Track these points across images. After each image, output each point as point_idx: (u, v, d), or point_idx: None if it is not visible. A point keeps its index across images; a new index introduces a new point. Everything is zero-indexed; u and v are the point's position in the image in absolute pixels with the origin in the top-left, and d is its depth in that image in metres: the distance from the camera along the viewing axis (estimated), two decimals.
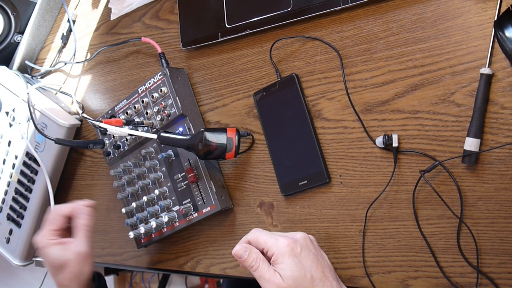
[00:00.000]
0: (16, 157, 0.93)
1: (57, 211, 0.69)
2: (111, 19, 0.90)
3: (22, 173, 0.92)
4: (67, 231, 0.70)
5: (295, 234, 0.55)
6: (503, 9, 0.52)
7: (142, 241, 0.79)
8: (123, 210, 0.78)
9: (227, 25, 0.71)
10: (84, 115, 0.83)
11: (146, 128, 0.73)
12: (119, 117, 0.79)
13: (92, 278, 0.70)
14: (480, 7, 0.53)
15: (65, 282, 0.67)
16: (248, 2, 0.69)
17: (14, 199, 0.94)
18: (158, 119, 0.73)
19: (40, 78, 1.01)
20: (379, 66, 0.59)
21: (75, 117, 0.92)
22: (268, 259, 0.54)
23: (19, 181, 0.93)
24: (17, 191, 0.93)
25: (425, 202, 0.56)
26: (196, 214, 0.71)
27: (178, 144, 0.67)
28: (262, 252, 0.54)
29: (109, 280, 1.81)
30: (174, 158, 0.73)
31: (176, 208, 0.73)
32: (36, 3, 0.98)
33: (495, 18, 0.52)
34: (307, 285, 0.50)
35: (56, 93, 0.97)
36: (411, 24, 0.57)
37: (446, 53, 0.55)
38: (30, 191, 0.91)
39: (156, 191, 0.73)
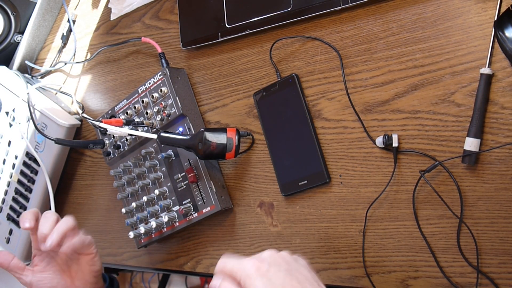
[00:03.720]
0: (16, 157, 0.93)
1: None
2: (111, 19, 0.90)
3: (22, 173, 0.92)
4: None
5: (262, 253, 0.50)
6: (503, 9, 0.52)
7: (142, 241, 0.79)
8: (123, 210, 0.78)
9: (227, 25, 0.71)
10: (84, 115, 0.83)
11: (146, 128, 0.73)
12: (119, 117, 0.79)
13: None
14: (480, 7, 0.53)
15: None
16: (248, 2, 0.69)
17: (14, 199, 0.94)
18: (158, 119, 0.73)
19: (40, 78, 1.01)
20: (379, 66, 0.59)
21: (75, 117, 0.92)
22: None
23: (19, 181, 0.93)
24: (17, 191, 0.93)
25: (425, 202, 0.56)
26: (196, 214, 0.71)
27: (178, 144, 0.67)
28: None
29: None
30: (174, 158, 0.73)
31: (176, 208, 0.73)
32: (36, 3, 0.98)
33: (495, 18, 0.52)
34: None
35: (56, 93, 0.97)
36: (411, 24, 0.57)
37: (446, 53, 0.55)
38: (30, 191, 0.91)
39: (156, 191, 0.73)
